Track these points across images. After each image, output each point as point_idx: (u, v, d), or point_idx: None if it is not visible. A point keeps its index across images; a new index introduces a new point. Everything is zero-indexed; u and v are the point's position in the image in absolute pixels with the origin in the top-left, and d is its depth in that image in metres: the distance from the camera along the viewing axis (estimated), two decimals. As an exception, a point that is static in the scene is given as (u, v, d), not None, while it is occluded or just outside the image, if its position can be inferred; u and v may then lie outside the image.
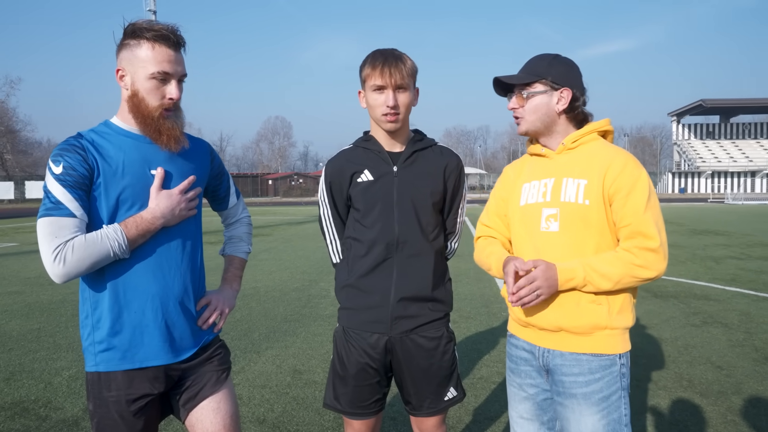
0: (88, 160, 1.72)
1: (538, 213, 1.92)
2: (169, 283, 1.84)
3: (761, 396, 4.09)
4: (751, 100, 70.23)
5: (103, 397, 1.80)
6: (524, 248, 1.96)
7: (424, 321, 2.19)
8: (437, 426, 2.29)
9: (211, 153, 2.07)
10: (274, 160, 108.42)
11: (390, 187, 2.16)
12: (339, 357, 2.23)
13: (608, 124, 1.96)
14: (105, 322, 1.78)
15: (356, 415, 2.23)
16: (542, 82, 1.90)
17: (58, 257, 1.66)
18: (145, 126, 1.79)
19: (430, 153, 2.25)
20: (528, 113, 1.93)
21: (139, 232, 1.75)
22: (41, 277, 9.63)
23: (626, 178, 1.80)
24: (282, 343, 5.54)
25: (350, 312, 2.22)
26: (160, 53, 1.76)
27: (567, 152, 1.94)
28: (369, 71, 2.10)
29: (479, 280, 8.93)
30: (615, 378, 1.85)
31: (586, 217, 1.83)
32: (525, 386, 2.01)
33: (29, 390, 4.32)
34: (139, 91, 1.77)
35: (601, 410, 1.83)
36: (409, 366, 2.20)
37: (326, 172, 2.27)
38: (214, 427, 1.91)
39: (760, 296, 7.60)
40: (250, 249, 2.25)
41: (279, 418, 3.79)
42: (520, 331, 2.02)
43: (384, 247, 2.15)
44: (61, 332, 6.01)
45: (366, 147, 2.22)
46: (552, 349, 1.91)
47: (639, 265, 1.77)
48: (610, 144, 1.95)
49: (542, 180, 1.95)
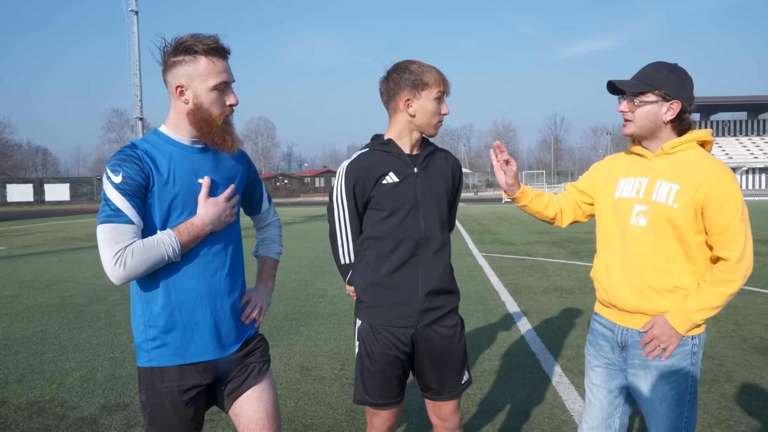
0: (144, 170, 1.83)
1: (630, 207, 2.13)
2: (216, 283, 1.96)
3: (752, 383, 4.29)
4: (730, 98, 71.44)
5: (155, 388, 1.91)
6: (612, 238, 2.20)
7: (445, 311, 2.36)
8: (455, 410, 2.44)
9: (248, 161, 2.19)
10: (257, 160, 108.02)
11: (414, 187, 2.30)
12: (368, 353, 2.32)
13: (708, 134, 2.09)
14: (158, 320, 1.89)
15: (386, 405, 2.36)
16: (655, 92, 2.03)
17: (119, 261, 1.77)
18: (211, 134, 1.91)
19: (438, 156, 2.43)
20: (637, 119, 2.08)
21: (190, 238, 1.88)
22: (36, 280, 9.63)
23: (722, 191, 1.95)
24: (286, 342, 5.65)
25: (377, 309, 2.31)
26: (218, 65, 1.88)
27: (665, 156, 2.09)
28: (431, 81, 2.24)
29: (473, 278, 9.10)
30: (686, 356, 2.07)
31: (672, 219, 2.02)
32: (598, 356, 2.28)
33: (43, 390, 4.39)
34: (203, 104, 1.88)
35: (671, 381, 2.07)
36: (433, 354, 2.34)
37: (348, 175, 2.32)
38: (257, 415, 2.04)
39: (746, 290, 7.85)
40: (282, 250, 2.38)
41: (293, 412, 3.91)
42: (603, 311, 2.27)
43: (412, 245, 2.28)
44: (65, 334, 6.06)
45: (385, 150, 2.32)
46: (630, 327, 2.15)
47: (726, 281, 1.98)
48: (708, 154, 2.08)
49: (637, 178, 2.14)
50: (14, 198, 59.03)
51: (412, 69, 2.25)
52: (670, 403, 2.07)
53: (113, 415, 3.89)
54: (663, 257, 2.04)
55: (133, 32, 36.09)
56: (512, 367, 4.76)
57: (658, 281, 2.05)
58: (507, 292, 7.90)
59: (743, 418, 3.69)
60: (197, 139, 1.95)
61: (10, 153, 71.95)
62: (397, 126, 2.32)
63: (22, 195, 59.77)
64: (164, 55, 1.90)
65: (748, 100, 71.34)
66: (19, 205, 56.87)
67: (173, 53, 1.88)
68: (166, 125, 1.96)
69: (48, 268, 11.07)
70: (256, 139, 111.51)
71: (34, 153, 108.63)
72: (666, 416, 2.08)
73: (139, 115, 36.14)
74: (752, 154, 71.37)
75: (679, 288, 2.04)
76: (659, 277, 2.05)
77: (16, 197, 59.23)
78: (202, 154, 1.97)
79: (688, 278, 2.05)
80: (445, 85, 2.27)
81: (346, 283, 2.45)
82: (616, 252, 2.16)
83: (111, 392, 4.32)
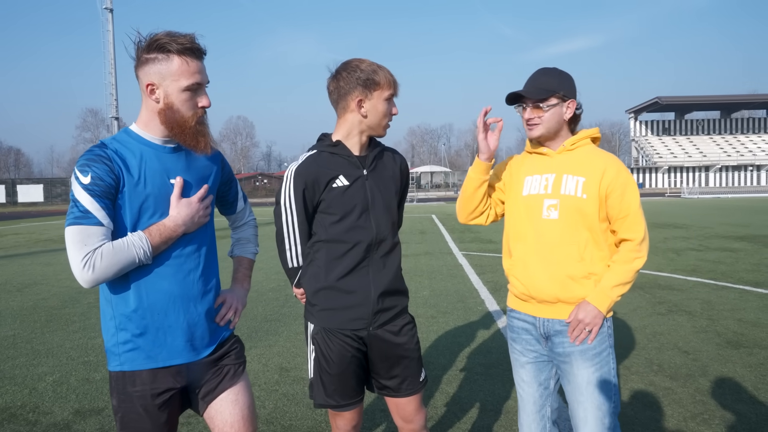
0: (114, 170, 1.78)
1: (540, 203, 2.26)
2: (189, 285, 1.92)
3: (725, 377, 4.36)
4: (704, 97, 72.75)
5: (127, 392, 1.87)
6: (526, 233, 2.29)
7: (397, 311, 2.36)
8: (418, 408, 2.41)
9: (222, 160, 2.14)
10: (237, 160, 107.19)
11: (364, 190, 2.27)
12: (325, 356, 2.29)
13: (598, 132, 2.33)
14: (129, 323, 1.85)
15: (349, 405, 2.34)
16: (556, 96, 2.22)
17: (88, 264, 1.73)
18: (183, 135, 1.86)
19: (387, 156, 2.41)
20: (546, 122, 2.24)
21: (162, 239, 1.84)
22: (8, 283, 9.42)
23: (621, 179, 2.19)
24: (265, 342, 5.60)
25: (330, 312, 2.28)
26: (191, 66, 1.83)
27: (566, 153, 2.29)
28: (383, 81, 2.21)
29: (453, 276, 9.12)
30: (604, 338, 2.23)
31: (581, 209, 2.18)
32: (525, 352, 2.35)
33: (14, 396, 4.29)
34: (173, 104, 1.84)
35: (594, 364, 2.20)
36: (388, 354, 2.33)
37: (297, 178, 2.25)
38: (233, 418, 2.00)
39: (719, 285, 7.98)
40: (258, 250, 2.34)
41: (271, 414, 3.87)
42: (521, 306, 2.35)
43: (364, 248, 2.26)
44: (38, 338, 5.94)
45: (334, 152, 2.27)
46: (551, 318, 2.25)
47: (633, 258, 2.18)
48: (600, 149, 2.31)
49: (543, 175, 2.29)
50: (-13, 199, 57.77)
51: (362, 68, 2.21)
52: (596, 386, 2.19)
53: (87, 420, 3.81)
54: (576, 247, 2.18)
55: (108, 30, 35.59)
56: (492, 364, 4.77)
57: (574, 269, 2.18)
58: (486, 290, 7.93)
59: (717, 411, 3.74)
60: (169, 139, 1.90)
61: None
62: (346, 126, 2.28)
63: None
64: (137, 51, 1.85)
65: (722, 99, 72.73)
66: (-9, 207, 55.70)
67: (146, 50, 1.83)
68: (137, 123, 1.91)
69: (20, 271, 10.84)
70: (235, 138, 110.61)
71: (6, 153, 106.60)
72: (593, 400, 2.18)
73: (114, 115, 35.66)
74: (725, 153, 72.74)
75: (592, 274, 2.19)
76: (575, 265, 2.19)
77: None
78: (174, 153, 1.92)
79: (598, 264, 2.21)
80: (395, 87, 2.26)
81: (294, 286, 2.41)
82: (530, 246, 2.26)
83: (85, 397, 4.24)
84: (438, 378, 4.50)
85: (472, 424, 3.65)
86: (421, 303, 7.13)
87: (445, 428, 3.62)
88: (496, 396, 4.08)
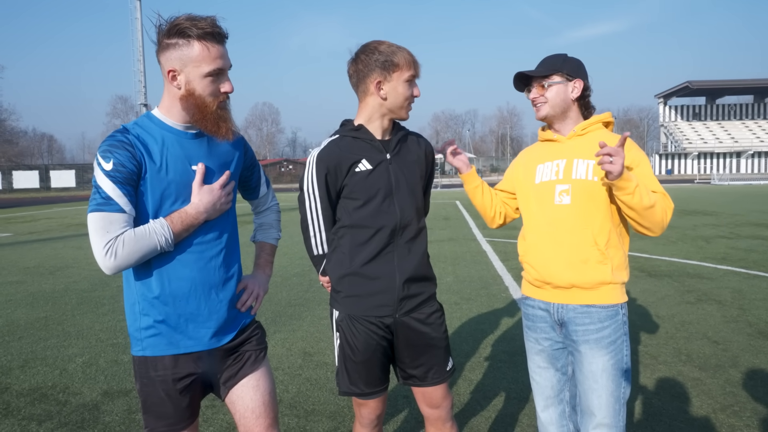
0: (136, 156, 1.77)
1: (551, 189, 2.24)
2: (210, 272, 1.91)
3: (757, 368, 4.26)
4: (736, 81, 70.70)
5: (150, 376, 1.89)
6: (538, 220, 2.29)
7: (424, 298, 2.31)
8: (445, 395, 2.39)
9: (245, 145, 2.12)
10: (262, 146, 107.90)
11: (387, 174, 2.24)
12: (350, 344, 2.27)
13: (610, 116, 2.32)
14: (152, 309, 1.86)
15: (373, 394, 2.32)
16: (559, 74, 2.23)
17: (110, 251, 1.73)
18: (205, 121, 1.84)
19: (411, 140, 2.37)
20: (550, 99, 2.24)
21: (183, 227, 1.83)
22: (41, 266, 9.65)
23: (633, 155, 2.15)
24: (289, 327, 5.65)
25: (355, 299, 2.26)
26: (213, 51, 1.79)
27: (576, 138, 2.27)
28: (402, 62, 2.16)
29: (477, 263, 9.07)
30: (619, 325, 2.21)
31: (594, 192, 2.16)
32: (540, 339, 2.34)
33: (45, 376, 4.40)
34: (195, 90, 1.81)
35: (609, 352, 2.18)
36: (414, 342, 2.29)
37: (320, 164, 2.24)
38: (253, 404, 2.01)
39: (751, 274, 7.80)
40: (280, 235, 2.33)
41: (294, 398, 3.90)
42: (536, 293, 2.35)
43: (388, 233, 2.23)
44: (69, 320, 6.07)
45: (356, 136, 2.25)
46: (566, 303, 2.23)
47: (667, 205, 2.13)
48: (611, 133, 2.31)
49: (554, 161, 2.28)
50: (20, 185, 59.19)
51: (381, 50, 2.17)
52: (611, 374, 2.17)
53: (115, 401, 3.89)
54: (590, 231, 2.17)
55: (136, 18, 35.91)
56: (515, 352, 4.73)
57: (588, 253, 2.16)
58: (510, 277, 7.86)
59: (748, 403, 3.66)
60: (191, 125, 1.89)
61: (15, 140, 72.14)
62: (368, 110, 2.25)
63: (28, 182, 59.91)
64: (158, 35, 1.83)
65: (755, 83, 70.57)
66: (25, 192, 57.07)
67: (167, 35, 1.80)
68: (159, 108, 1.90)
69: (53, 255, 11.10)
70: (261, 124, 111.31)
71: (39, 140, 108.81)
72: (607, 387, 2.17)
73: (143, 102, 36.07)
74: (758, 138, 70.79)
75: (607, 258, 2.16)
76: (589, 249, 2.16)
77: (22, 184, 59.38)
78: (196, 139, 1.91)
79: (612, 248, 2.18)
80: (415, 68, 2.21)
81: (320, 274, 2.39)
82: (544, 232, 2.26)
83: (113, 378, 4.32)
84: (461, 365, 4.48)
85: (497, 412, 3.63)
86: (444, 289, 7.11)
87: (469, 416, 3.60)
88: (520, 383, 4.05)
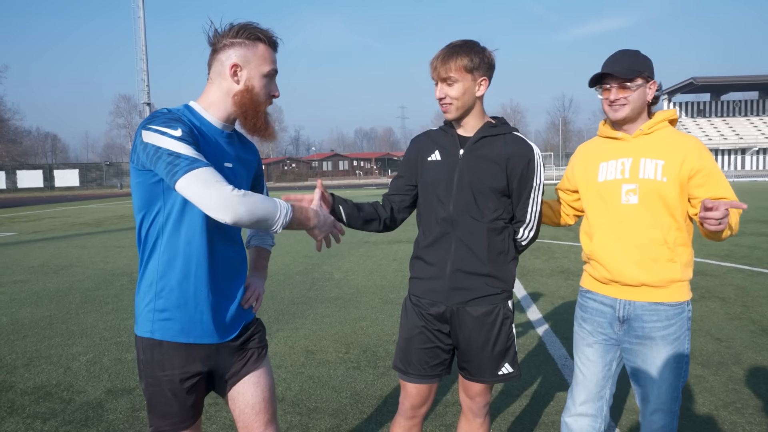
0: (193, 133, 1.79)
1: (617, 188, 2.24)
2: (228, 268, 1.95)
3: (760, 366, 4.25)
4: (741, 78, 70.40)
5: (156, 376, 1.89)
6: (604, 220, 2.28)
7: (478, 295, 2.30)
8: (483, 392, 2.42)
9: (258, 154, 2.19)
10: (265, 145, 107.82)
11: (453, 168, 2.30)
12: (403, 322, 2.41)
13: (675, 114, 2.29)
14: (171, 293, 1.85)
15: (412, 377, 2.36)
16: (642, 76, 2.20)
17: (237, 195, 1.66)
18: (256, 118, 1.92)
19: (498, 141, 2.30)
20: (633, 101, 2.21)
21: (297, 221, 1.84)
22: (45, 265, 9.69)
23: (704, 160, 2.16)
24: (291, 325, 5.66)
25: (416, 281, 2.40)
26: (272, 55, 1.95)
27: (643, 136, 2.25)
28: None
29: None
30: (685, 321, 2.25)
31: (662, 193, 2.16)
32: (594, 333, 2.36)
33: (49, 375, 4.42)
34: (254, 87, 1.90)
35: (674, 348, 2.22)
36: (465, 336, 2.32)
37: (412, 144, 2.47)
38: (254, 400, 2.03)
39: (754, 271, 7.78)
40: (274, 242, 2.38)
41: (297, 396, 3.92)
42: (601, 288, 2.35)
43: (442, 223, 2.30)
44: (73, 319, 6.10)
45: (445, 130, 2.39)
46: (634, 300, 2.24)
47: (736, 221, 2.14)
48: (678, 131, 2.27)
49: (619, 159, 2.26)
50: (24, 184, 59.41)
51: None
52: (673, 368, 2.22)
53: (119, 399, 3.91)
54: (659, 230, 2.17)
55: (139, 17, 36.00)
56: (518, 350, 4.72)
57: (659, 253, 2.17)
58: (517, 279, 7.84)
59: (751, 400, 3.66)
60: (227, 124, 1.95)
61: (19, 139, 72.30)
62: None
63: (32, 181, 60.17)
64: (219, 36, 1.90)
65: (760, 79, 70.21)
66: (29, 191, 57.30)
67: (234, 35, 1.89)
68: (199, 102, 1.93)
69: (57, 254, 11.14)
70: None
71: (43, 139, 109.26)
72: (668, 379, 2.22)
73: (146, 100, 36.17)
74: (763, 135, 70.51)
75: (677, 256, 2.18)
76: (659, 248, 2.17)
77: (26, 183, 59.62)
78: (229, 140, 1.96)
79: (680, 246, 2.19)
80: (432, 72, 2.27)
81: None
82: (611, 232, 2.25)
83: (117, 376, 4.35)
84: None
85: (497, 409, 3.64)
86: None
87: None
88: (522, 381, 4.06)
